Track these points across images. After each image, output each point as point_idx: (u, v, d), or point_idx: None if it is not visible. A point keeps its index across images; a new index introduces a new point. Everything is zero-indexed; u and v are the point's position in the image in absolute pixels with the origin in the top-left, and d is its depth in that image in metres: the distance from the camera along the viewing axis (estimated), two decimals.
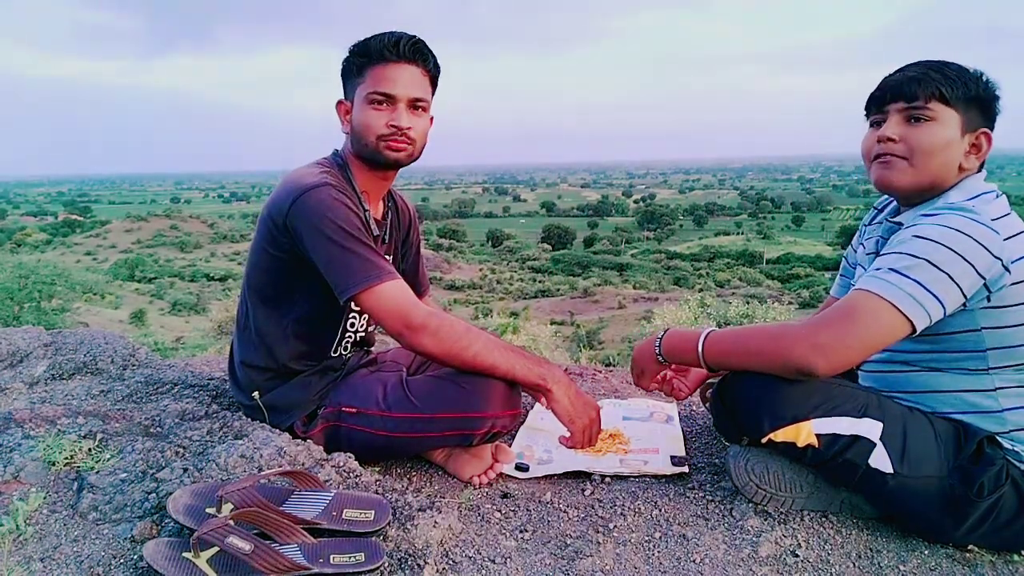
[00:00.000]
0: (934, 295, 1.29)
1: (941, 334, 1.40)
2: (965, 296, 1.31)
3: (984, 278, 1.30)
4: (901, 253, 1.34)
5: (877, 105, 1.49)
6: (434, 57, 1.68)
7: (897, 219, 1.51)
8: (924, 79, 1.41)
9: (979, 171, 1.46)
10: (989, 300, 1.34)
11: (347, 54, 1.67)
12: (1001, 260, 1.30)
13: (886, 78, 1.48)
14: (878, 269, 1.35)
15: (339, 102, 1.72)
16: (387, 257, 1.85)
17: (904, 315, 1.30)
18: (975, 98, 1.41)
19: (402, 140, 1.65)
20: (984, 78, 1.42)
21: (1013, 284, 1.32)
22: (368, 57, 1.62)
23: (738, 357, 1.46)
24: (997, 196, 1.41)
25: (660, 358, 1.61)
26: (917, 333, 1.33)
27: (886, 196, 1.62)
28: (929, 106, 1.41)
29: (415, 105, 1.65)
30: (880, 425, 1.39)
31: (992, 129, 1.44)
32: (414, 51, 1.63)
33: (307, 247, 1.57)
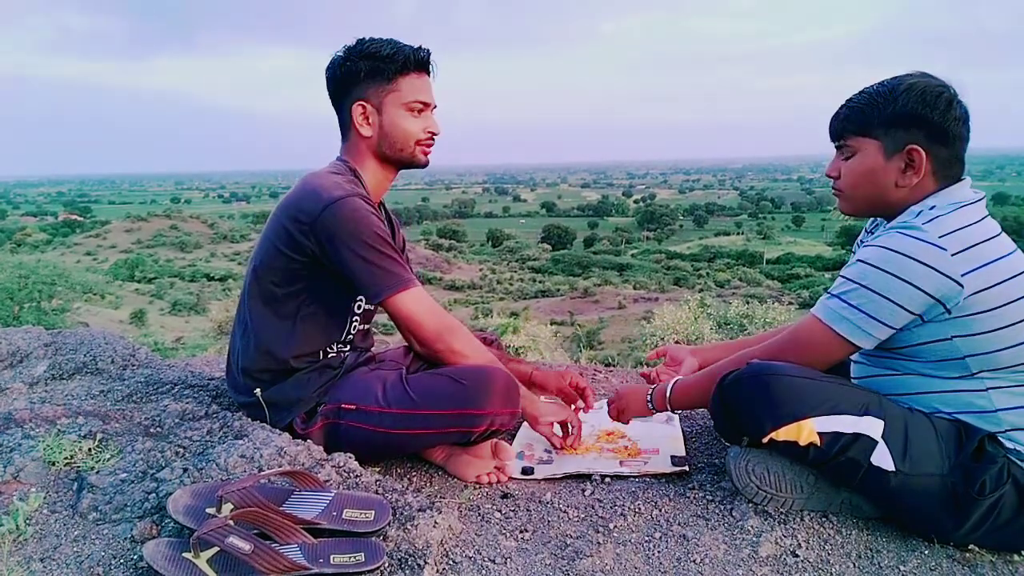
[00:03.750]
0: (872, 317, 1.38)
1: (914, 345, 1.43)
2: (913, 313, 1.36)
3: (932, 295, 1.34)
4: (844, 278, 1.44)
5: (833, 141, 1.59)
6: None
7: (869, 235, 1.62)
8: (838, 117, 1.52)
9: (946, 184, 1.43)
10: (949, 313, 1.35)
11: (363, 58, 1.69)
12: (951, 277, 1.32)
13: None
14: (827, 293, 1.47)
15: (358, 103, 1.72)
16: None
17: (841, 337, 1.42)
18: (892, 118, 1.43)
19: (432, 144, 1.79)
20: (901, 94, 1.41)
21: (972, 295, 1.34)
22: (405, 66, 1.71)
23: (702, 393, 1.62)
24: (959, 207, 1.39)
25: (651, 405, 1.77)
26: (868, 348, 1.43)
27: None
28: (849, 142, 1.50)
29: (432, 111, 1.79)
30: (881, 423, 1.39)
31: (936, 140, 1.41)
32: (434, 68, 1.78)
33: (337, 253, 1.61)
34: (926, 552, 1.42)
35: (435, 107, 1.79)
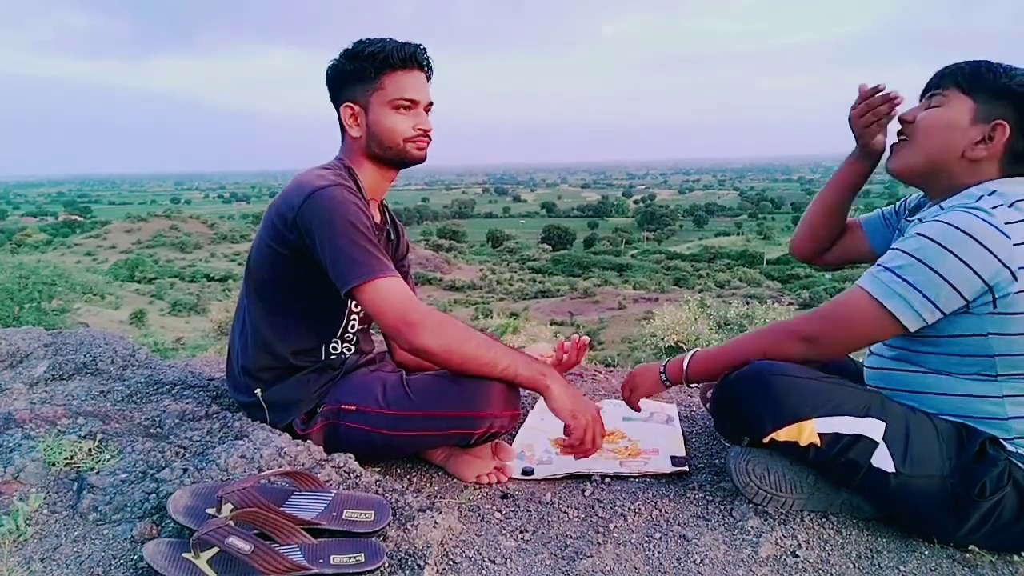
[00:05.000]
0: (924, 296, 1.32)
1: (946, 336, 1.39)
2: (964, 298, 1.31)
3: (986, 281, 1.29)
4: (899, 250, 1.37)
5: (922, 94, 1.54)
6: (432, 66, 1.78)
7: (917, 216, 1.52)
8: (950, 66, 1.46)
9: (1005, 172, 1.41)
10: (995, 305, 1.32)
11: (348, 59, 1.70)
12: (1008, 266, 1.28)
13: None
14: (877, 266, 1.40)
15: (346, 105, 1.73)
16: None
17: (891, 314, 1.35)
18: (998, 90, 1.40)
19: (425, 140, 1.75)
20: (1018, 74, 1.39)
21: (1021, 292, 1.30)
22: (387, 64, 1.68)
23: (727, 360, 1.55)
24: (1015, 204, 1.35)
25: (664, 380, 1.69)
26: (912, 331, 1.35)
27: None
28: (944, 92, 1.46)
29: (428, 108, 1.76)
30: (882, 424, 1.39)
31: (1022, 128, 1.39)
32: (424, 59, 1.73)
33: (315, 241, 1.58)
34: (926, 553, 1.42)
35: (430, 104, 1.75)
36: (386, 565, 1.32)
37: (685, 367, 1.63)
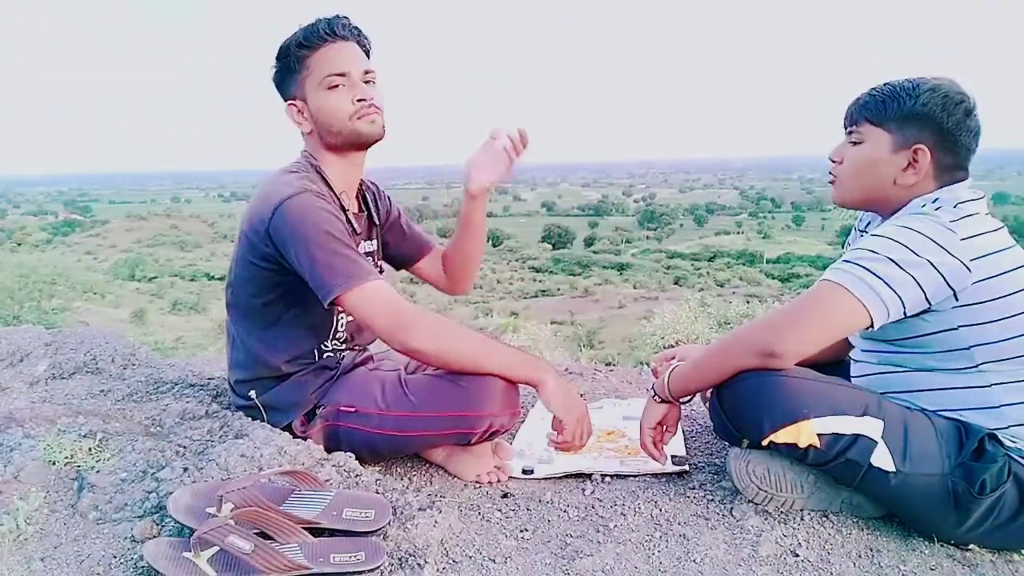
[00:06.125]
0: (894, 291, 1.35)
1: (920, 336, 1.43)
2: (926, 295, 1.35)
3: (944, 278, 1.34)
4: (861, 248, 1.40)
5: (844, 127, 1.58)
6: (363, 32, 1.70)
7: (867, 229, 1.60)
8: (857, 103, 1.52)
9: (942, 184, 1.45)
10: (957, 299, 1.36)
11: (277, 58, 1.67)
12: (960, 259, 1.34)
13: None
14: (842, 261, 1.43)
15: (290, 104, 1.69)
16: (376, 241, 1.87)
17: (859, 301, 1.35)
18: (907, 116, 1.44)
19: (372, 110, 1.66)
20: (923, 93, 1.42)
21: (978, 282, 1.35)
22: (309, 47, 1.63)
23: (702, 371, 1.54)
24: (962, 202, 1.41)
25: (655, 398, 1.65)
26: (876, 326, 1.37)
27: None
28: (859, 128, 1.51)
29: (367, 79, 1.67)
30: (881, 423, 1.39)
31: (943, 145, 1.43)
32: (348, 29, 1.66)
33: (290, 254, 1.56)
34: (926, 552, 1.42)
35: (367, 72, 1.66)
36: (386, 564, 1.32)
37: (667, 385, 1.60)
